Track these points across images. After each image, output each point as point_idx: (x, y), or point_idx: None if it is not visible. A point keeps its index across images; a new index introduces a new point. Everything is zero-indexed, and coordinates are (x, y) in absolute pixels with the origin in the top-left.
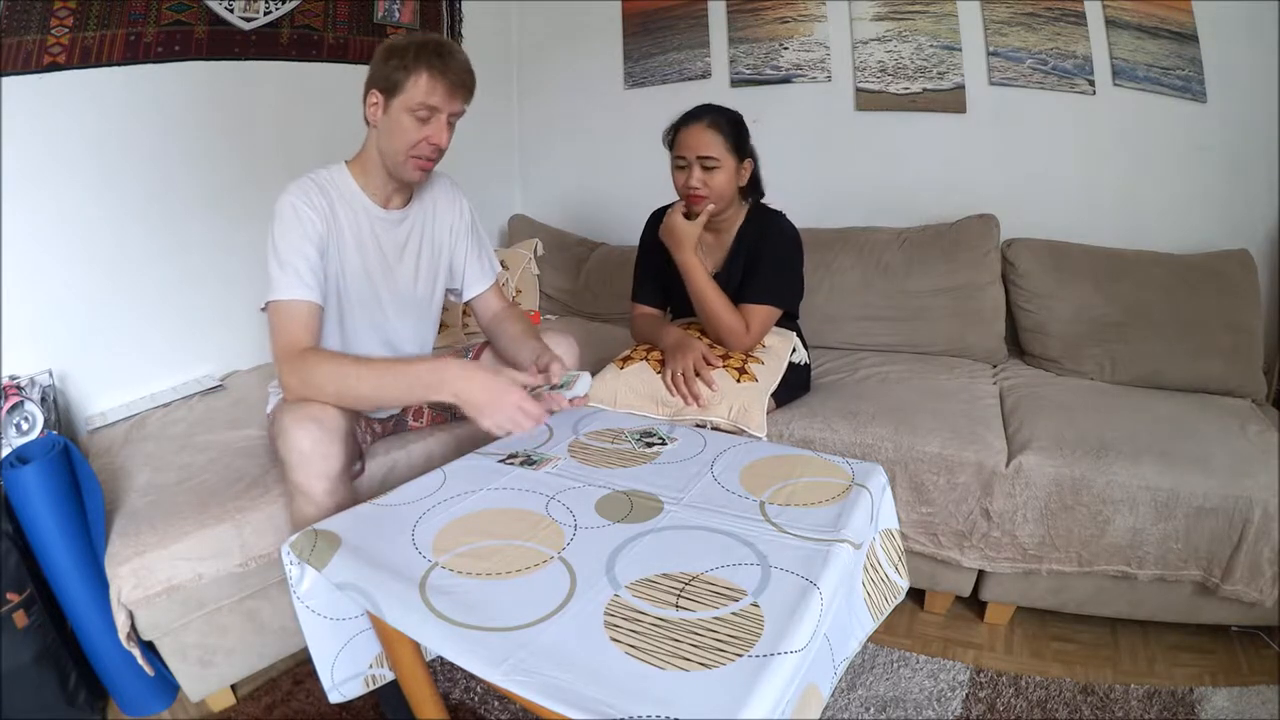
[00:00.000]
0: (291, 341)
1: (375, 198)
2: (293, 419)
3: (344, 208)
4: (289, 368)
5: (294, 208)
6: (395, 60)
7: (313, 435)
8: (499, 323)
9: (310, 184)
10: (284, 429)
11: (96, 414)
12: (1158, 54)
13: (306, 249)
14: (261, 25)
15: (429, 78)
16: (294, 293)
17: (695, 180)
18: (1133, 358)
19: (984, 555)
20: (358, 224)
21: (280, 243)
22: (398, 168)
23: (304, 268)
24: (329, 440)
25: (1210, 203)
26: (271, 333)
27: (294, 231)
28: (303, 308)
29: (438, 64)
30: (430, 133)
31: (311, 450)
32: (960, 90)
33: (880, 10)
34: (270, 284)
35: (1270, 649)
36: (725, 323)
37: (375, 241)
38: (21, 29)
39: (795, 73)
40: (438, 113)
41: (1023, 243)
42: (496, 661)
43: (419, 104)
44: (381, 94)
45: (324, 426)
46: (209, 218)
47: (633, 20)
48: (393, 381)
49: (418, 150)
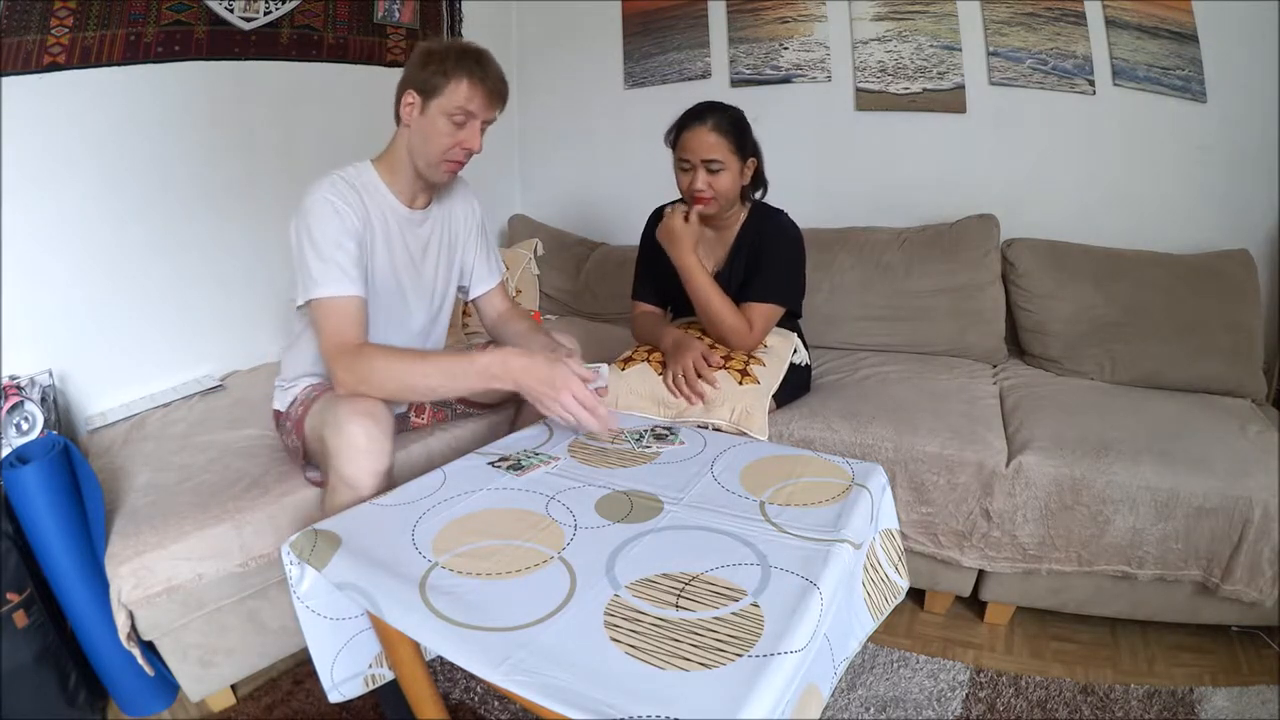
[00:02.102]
0: (344, 338)
1: (401, 197)
2: (349, 412)
3: (373, 205)
4: (344, 364)
5: (330, 203)
6: (435, 65)
7: (369, 430)
8: (505, 322)
9: (341, 181)
10: (338, 423)
11: (96, 414)
12: (1158, 54)
13: (347, 243)
14: (261, 25)
15: (469, 84)
16: (340, 288)
17: (700, 183)
18: (1133, 358)
19: (984, 555)
20: (386, 222)
21: (320, 238)
22: (429, 168)
23: (346, 262)
24: (383, 436)
25: (1210, 203)
26: (319, 330)
27: (332, 226)
28: (350, 303)
29: (478, 71)
30: (464, 137)
31: (367, 445)
32: (960, 90)
33: (880, 10)
34: (312, 280)
35: (1270, 649)
36: (728, 324)
37: (402, 240)
38: (21, 29)
39: (795, 73)
40: (474, 118)
41: (1023, 243)
42: (496, 661)
43: (457, 108)
44: (419, 95)
45: (378, 422)
46: (209, 217)
47: (633, 20)
48: (459, 373)
49: (451, 154)
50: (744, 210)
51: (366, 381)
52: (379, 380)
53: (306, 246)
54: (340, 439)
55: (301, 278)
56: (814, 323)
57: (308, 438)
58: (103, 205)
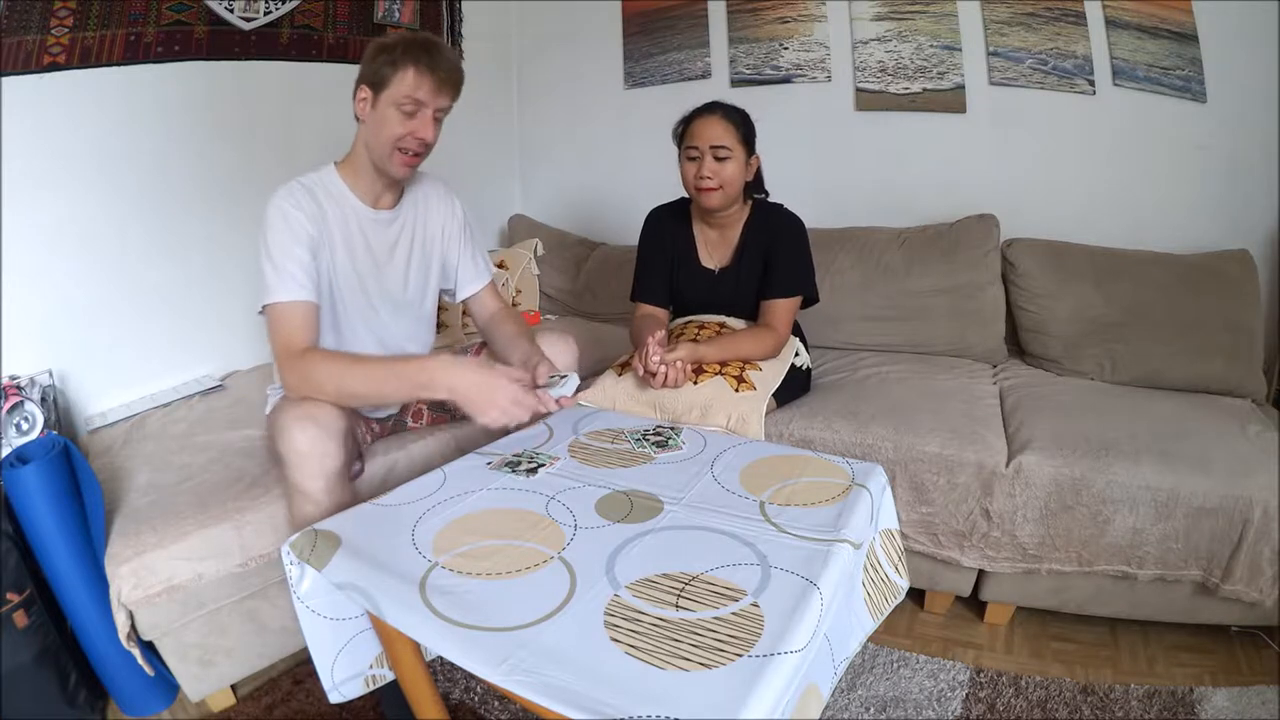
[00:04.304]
0: (290, 342)
1: (364, 198)
2: (291, 417)
3: (333, 208)
4: (289, 367)
5: (282, 211)
6: (384, 56)
7: (310, 434)
8: (495, 324)
9: (298, 187)
10: (282, 428)
11: (96, 414)
12: (1158, 54)
13: (297, 251)
14: (261, 25)
15: (416, 73)
16: (290, 294)
17: (707, 170)
18: (1133, 358)
19: (984, 555)
20: (346, 224)
21: (272, 246)
22: (383, 161)
23: (296, 269)
24: (326, 439)
25: (1210, 203)
26: (270, 334)
27: (284, 234)
28: (299, 308)
29: (425, 59)
30: (415, 127)
31: (309, 449)
32: (960, 90)
33: (880, 10)
34: (265, 287)
35: (1270, 649)
36: (757, 350)
37: (364, 241)
38: (21, 29)
39: (795, 73)
40: (423, 107)
41: (1023, 243)
42: (496, 661)
43: (405, 97)
44: (370, 89)
45: (321, 425)
46: (209, 217)
47: (633, 20)
48: (386, 378)
49: (403, 144)
50: (746, 208)
51: (309, 384)
52: (318, 382)
53: (262, 254)
54: (285, 444)
55: (259, 284)
56: (814, 323)
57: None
58: (103, 205)
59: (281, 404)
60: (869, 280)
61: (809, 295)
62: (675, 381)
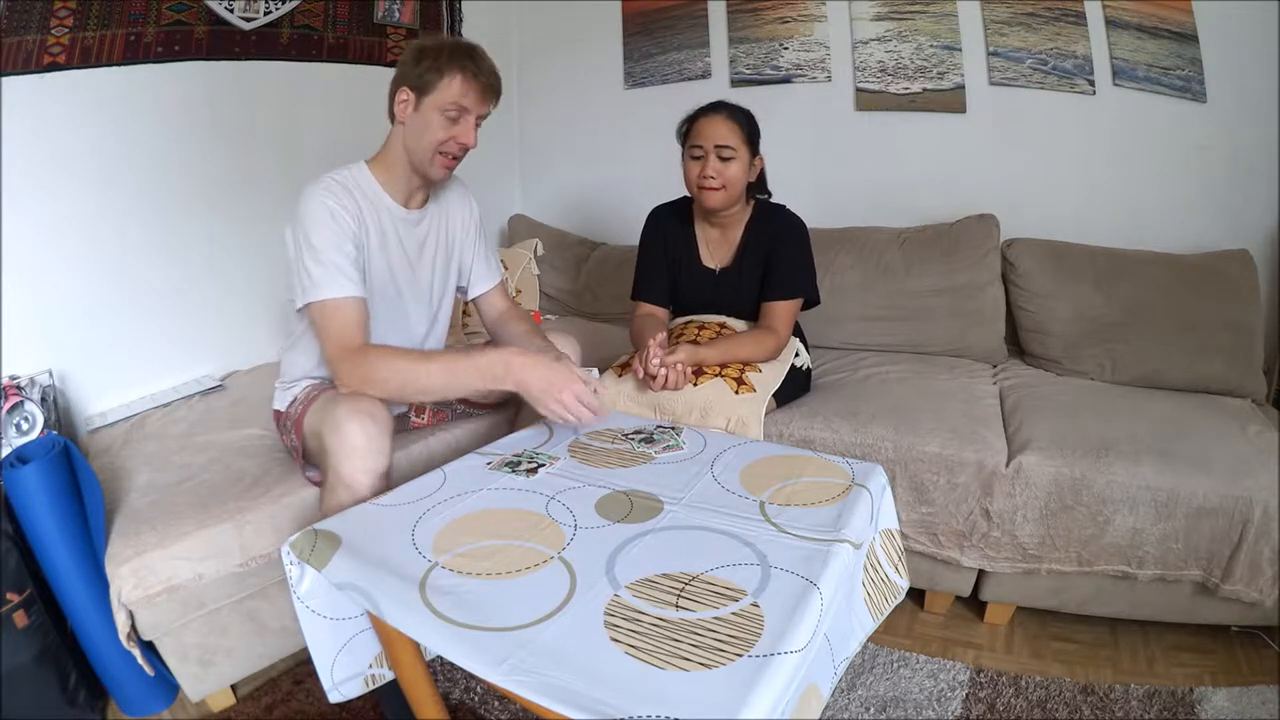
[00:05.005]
0: (346, 339)
1: (397, 197)
2: (347, 411)
3: (368, 207)
4: (348, 365)
5: (326, 207)
6: (428, 61)
7: (368, 430)
8: (504, 322)
9: (336, 184)
10: (338, 421)
11: (96, 414)
12: (1158, 54)
13: (345, 246)
14: (261, 25)
15: (463, 80)
16: (341, 290)
17: (711, 170)
18: (1133, 358)
19: (984, 555)
20: (381, 223)
21: (317, 242)
22: (424, 165)
23: (346, 264)
24: (381, 436)
25: (1210, 203)
26: (322, 332)
27: (330, 229)
28: (350, 304)
29: (471, 67)
30: (458, 132)
31: (366, 445)
32: (960, 90)
33: (880, 10)
34: (312, 284)
35: (1270, 649)
36: (757, 353)
37: (398, 240)
38: (21, 29)
39: (795, 73)
40: (467, 114)
41: (1023, 243)
42: (496, 661)
43: (451, 103)
44: (413, 92)
45: (378, 422)
46: (209, 217)
47: (633, 20)
48: (461, 371)
49: (446, 148)
50: (748, 209)
51: (370, 382)
52: (382, 380)
53: (305, 251)
54: (338, 438)
55: (300, 281)
56: (814, 323)
57: (306, 437)
58: (103, 205)
59: (331, 398)
60: (869, 280)
61: (810, 297)
62: (675, 384)
